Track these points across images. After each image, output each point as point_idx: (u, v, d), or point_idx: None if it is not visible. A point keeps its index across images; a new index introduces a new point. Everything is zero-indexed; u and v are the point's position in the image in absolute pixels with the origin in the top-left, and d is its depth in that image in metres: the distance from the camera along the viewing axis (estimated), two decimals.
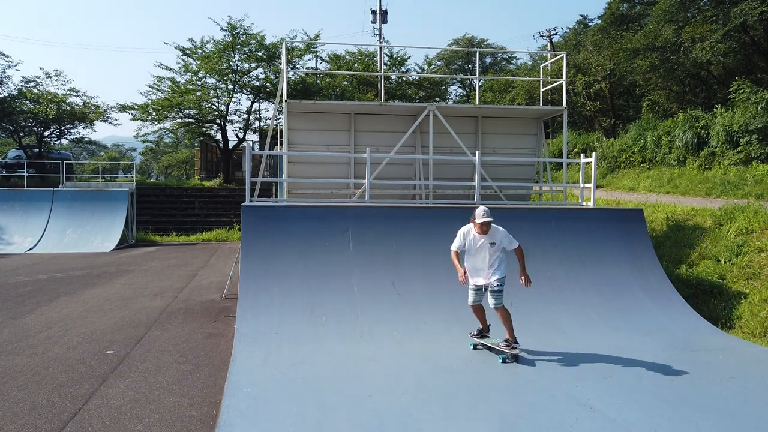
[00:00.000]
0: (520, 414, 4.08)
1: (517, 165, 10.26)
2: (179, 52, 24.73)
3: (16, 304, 8.22)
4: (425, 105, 9.30)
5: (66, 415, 4.20)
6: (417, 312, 6.24)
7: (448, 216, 7.43)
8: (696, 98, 20.03)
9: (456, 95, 41.07)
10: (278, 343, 5.55)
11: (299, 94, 24.40)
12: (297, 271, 6.59)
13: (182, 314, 7.66)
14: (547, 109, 10.01)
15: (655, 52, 18.16)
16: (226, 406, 4.14)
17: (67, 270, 11.77)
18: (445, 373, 4.93)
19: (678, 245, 9.23)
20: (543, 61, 25.71)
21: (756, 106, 12.70)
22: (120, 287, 9.74)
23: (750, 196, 10.60)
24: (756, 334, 6.50)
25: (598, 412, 4.15)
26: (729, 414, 4.12)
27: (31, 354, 5.72)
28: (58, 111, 25.86)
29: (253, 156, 16.79)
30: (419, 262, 6.87)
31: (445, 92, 32.36)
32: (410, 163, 9.94)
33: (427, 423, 3.93)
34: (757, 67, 18.04)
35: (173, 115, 25.26)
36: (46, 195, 17.57)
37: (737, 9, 14.97)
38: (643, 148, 16.53)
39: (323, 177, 9.45)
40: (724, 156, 13.10)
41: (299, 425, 3.85)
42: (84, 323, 7.05)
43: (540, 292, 6.55)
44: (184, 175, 55.87)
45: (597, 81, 23.63)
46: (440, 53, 40.86)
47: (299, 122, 9.61)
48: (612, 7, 24.64)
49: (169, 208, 22.25)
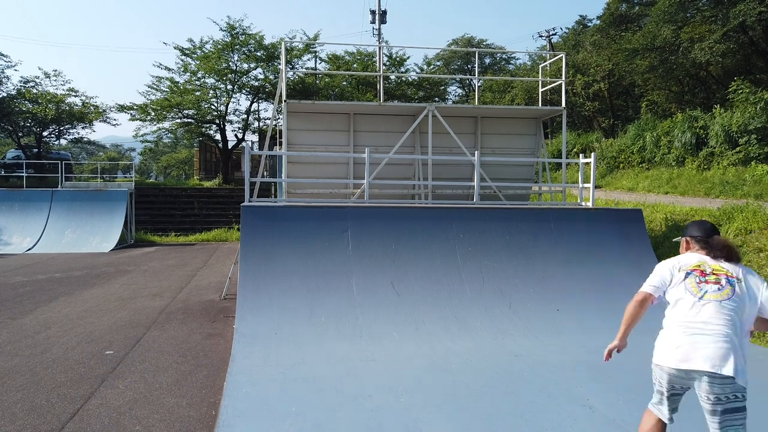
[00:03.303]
0: (519, 414, 4.09)
1: (516, 165, 10.27)
2: (178, 52, 24.72)
3: (14, 304, 8.21)
4: (424, 105, 9.30)
5: (65, 416, 4.19)
6: (416, 312, 6.24)
7: (447, 216, 7.43)
8: (695, 98, 20.06)
9: (455, 95, 41.12)
10: (278, 343, 5.55)
11: (298, 94, 24.39)
12: (296, 271, 6.58)
13: (181, 314, 7.65)
14: (546, 109, 10.02)
15: (654, 52, 18.18)
16: (226, 406, 4.14)
17: (66, 270, 11.76)
18: (445, 373, 4.93)
19: (677, 245, 9.23)
20: (542, 61, 25.74)
21: (755, 107, 12.72)
22: (119, 287, 9.73)
23: (749, 196, 10.61)
24: (755, 334, 6.50)
25: (597, 412, 4.15)
26: None
27: (29, 354, 5.71)
28: (57, 111, 25.82)
29: (252, 156, 16.84)
30: (419, 262, 6.88)
31: (445, 92, 32.33)
32: (409, 164, 9.94)
33: (426, 423, 3.92)
34: (756, 68, 18.06)
35: (172, 115, 25.22)
36: (45, 195, 17.55)
37: (736, 9, 14.99)
38: (642, 148, 16.54)
39: (322, 177, 9.45)
40: (723, 156, 13.12)
41: (299, 425, 3.85)
42: (83, 324, 7.04)
43: (539, 291, 6.55)
44: (183, 175, 55.78)
45: (596, 81, 23.66)
46: (439, 53, 40.88)
47: (298, 122, 9.61)
48: (611, 8, 24.65)
49: (168, 209, 22.24)
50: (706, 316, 2.68)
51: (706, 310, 2.70)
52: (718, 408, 2.60)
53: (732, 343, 2.61)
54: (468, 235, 7.30)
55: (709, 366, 2.57)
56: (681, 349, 2.67)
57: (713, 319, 2.66)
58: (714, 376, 2.57)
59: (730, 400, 2.59)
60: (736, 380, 2.57)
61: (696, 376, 2.64)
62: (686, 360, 2.64)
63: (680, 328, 2.73)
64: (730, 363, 2.56)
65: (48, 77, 26.83)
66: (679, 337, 2.71)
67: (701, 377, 2.61)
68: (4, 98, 25.38)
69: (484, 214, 7.67)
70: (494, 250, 7.21)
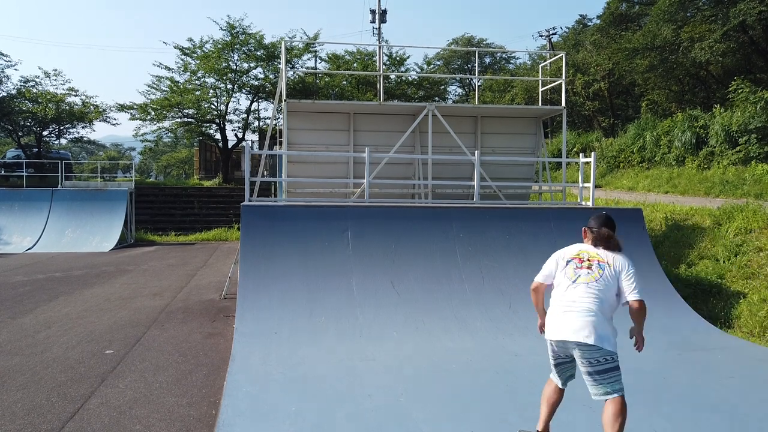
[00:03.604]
0: (519, 414, 4.09)
1: (516, 165, 10.27)
2: (178, 51, 24.72)
3: (14, 303, 8.21)
4: (424, 105, 9.30)
5: (65, 415, 4.19)
6: (416, 311, 6.24)
7: (447, 216, 7.43)
8: (695, 98, 20.05)
9: (455, 95, 41.11)
10: (277, 342, 5.55)
11: (298, 93, 24.38)
12: (296, 270, 6.58)
13: (181, 314, 7.65)
14: (546, 108, 10.02)
15: (654, 51, 18.17)
16: (226, 405, 4.14)
17: (66, 270, 11.76)
18: (445, 372, 4.93)
19: (677, 245, 9.24)
20: (542, 60, 25.73)
21: (755, 106, 12.71)
22: (119, 287, 9.73)
23: (749, 195, 10.60)
24: (755, 334, 6.50)
25: (597, 412, 4.15)
26: (728, 413, 4.13)
27: (30, 354, 5.71)
28: (57, 110, 25.81)
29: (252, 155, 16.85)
30: (418, 262, 6.88)
31: (445, 92, 32.34)
32: (409, 163, 9.94)
33: (426, 423, 3.93)
34: (756, 67, 18.06)
35: (172, 115, 25.22)
36: (45, 195, 17.54)
37: (736, 9, 14.98)
38: (642, 147, 16.54)
39: (322, 177, 9.45)
40: (723, 155, 13.11)
41: (298, 425, 3.85)
42: (83, 323, 7.05)
43: None
44: (183, 174, 55.76)
45: (596, 81, 23.65)
46: (439, 53, 40.88)
47: (298, 122, 9.61)
48: (611, 7, 24.65)
49: (168, 208, 22.24)
50: (576, 296, 3.22)
51: (576, 291, 3.24)
52: (591, 369, 3.12)
53: (596, 317, 3.12)
54: (468, 235, 7.30)
55: (576, 337, 3.11)
56: (557, 324, 3.23)
57: (581, 298, 3.20)
58: (581, 344, 3.10)
59: (600, 363, 3.09)
60: (602, 347, 3.07)
61: (570, 345, 3.18)
62: (560, 333, 3.19)
63: (557, 308, 3.28)
64: (593, 333, 3.07)
65: (48, 77, 26.84)
66: (556, 315, 3.26)
67: (574, 347, 3.15)
68: (4, 98, 25.38)
69: (484, 213, 7.66)
70: (494, 250, 7.21)
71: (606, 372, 3.11)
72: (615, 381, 3.12)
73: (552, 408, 3.50)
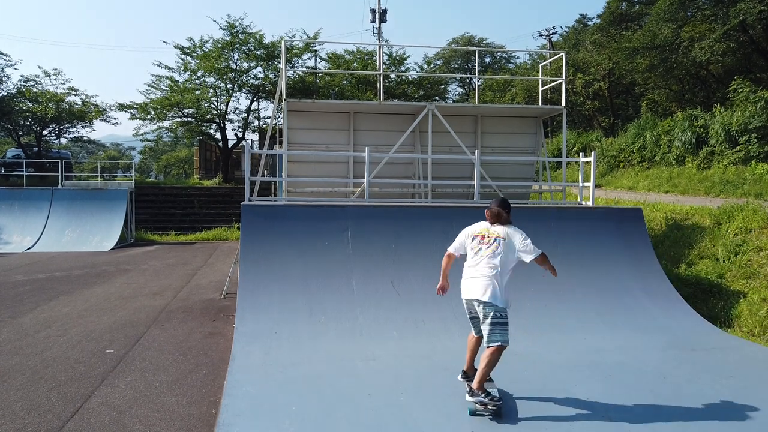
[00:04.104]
0: (519, 413, 4.09)
1: (516, 164, 10.26)
2: (178, 50, 24.71)
3: (15, 303, 8.22)
4: (424, 104, 9.29)
5: (65, 415, 4.20)
6: (416, 311, 6.24)
7: (447, 215, 7.43)
8: (695, 97, 20.05)
9: (455, 94, 41.12)
10: (278, 342, 5.55)
11: (298, 93, 24.38)
12: (296, 270, 6.58)
13: (181, 313, 7.65)
14: (546, 108, 10.02)
15: (655, 51, 18.17)
16: (226, 405, 4.14)
17: (66, 269, 11.76)
18: (445, 371, 4.93)
19: (677, 244, 9.24)
20: (542, 60, 25.71)
21: (755, 105, 12.71)
22: (119, 286, 9.73)
23: (749, 195, 10.60)
24: (755, 333, 6.50)
25: (597, 412, 4.15)
26: (728, 413, 4.13)
27: (30, 353, 5.71)
28: (57, 110, 25.81)
29: (252, 155, 16.84)
30: (419, 262, 6.87)
31: (445, 91, 32.30)
32: (409, 163, 9.94)
33: (426, 422, 3.93)
34: (756, 66, 18.06)
35: (172, 114, 25.22)
36: (45, 194, 17.53)
37: (736, 8, 14.98)
38: (642, 147, 16.54)
39: (322, 176, 9.44)
40: (723, 155, 13.11)
41: (298, 424, 3.85)
42: (83, 322, 7.05)
43: (539, 290, 6.54)
44: (183, 174, 55.76)
45: (596, 80, 23.65)
46: (439, 52, 40.90)
47: (298, 121, 9.60)
48: (611, 6, 24.65)
49: (169, 207, 22.24)
50: (478, 265, 4.17)
51: (479, 261, 4.17)
52: (486, 320, 4.03)
53: (492, 281, 4.05)
54: None
55: (476, 295, 4.07)
56: (466, 287, 4.19)
57: (481, 267, 4.14)
58: (480, 301, 4.05)
59: (496, 317, 4.00)
60: (495, 303, 4.00)
61: (474, 303, 4.12)
62: (468, 293, 4.15)
63: (466, 274, 4.23)
64: (488, 293, 4.01)
65: (48, 76, 26.84)
66: (465, 280, 4.22)
67: (477, 304, 4.10)
68: (4, 97, 25.37)
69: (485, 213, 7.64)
70: None
71: (498, 324, 4.00)
72: (501, 333, 4.00)
73: (473, 352, 4.45)
